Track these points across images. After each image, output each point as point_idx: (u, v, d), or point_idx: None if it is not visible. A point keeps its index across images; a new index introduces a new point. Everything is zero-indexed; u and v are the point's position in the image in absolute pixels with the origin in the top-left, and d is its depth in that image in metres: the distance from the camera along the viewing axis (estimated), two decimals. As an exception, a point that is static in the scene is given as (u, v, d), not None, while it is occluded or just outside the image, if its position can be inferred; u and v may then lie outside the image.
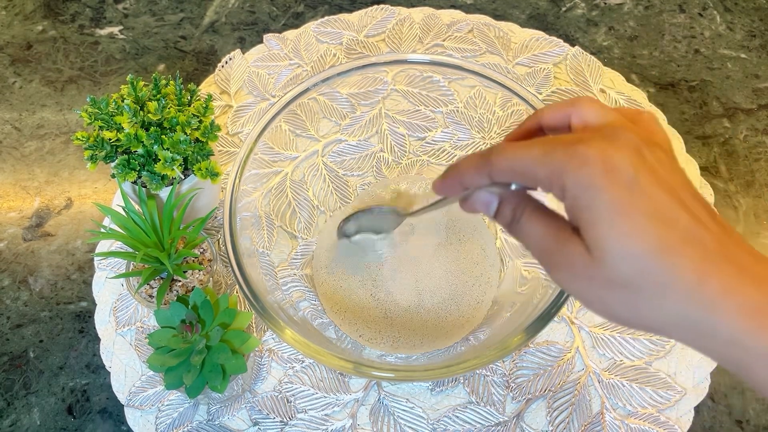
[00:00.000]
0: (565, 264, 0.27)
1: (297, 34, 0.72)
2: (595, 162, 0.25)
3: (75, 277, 0.59)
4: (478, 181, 0.30)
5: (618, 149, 0.25)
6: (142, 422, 0.52)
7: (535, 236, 0.29)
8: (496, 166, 0.29)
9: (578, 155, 0.25)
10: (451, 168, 0.31)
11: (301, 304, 0.54)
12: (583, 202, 0.25)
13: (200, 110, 0.53)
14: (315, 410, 0.52)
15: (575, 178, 0.25)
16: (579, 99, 0.30)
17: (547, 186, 0.27)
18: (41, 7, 0.77)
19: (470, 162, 0.30)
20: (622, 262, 0.25)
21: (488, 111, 0.58)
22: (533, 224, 0.29)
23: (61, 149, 0.67)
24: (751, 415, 0.52)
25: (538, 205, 0.30)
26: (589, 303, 0.27)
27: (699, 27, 0.74)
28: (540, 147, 0.27)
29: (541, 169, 0.27)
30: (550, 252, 0.28)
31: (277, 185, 0.56)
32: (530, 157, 0.27)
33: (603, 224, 0.25)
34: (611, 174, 0.25)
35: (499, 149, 0.29)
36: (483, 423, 0.51)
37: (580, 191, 0.25)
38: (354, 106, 0.63)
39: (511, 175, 0.28)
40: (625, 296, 0.26)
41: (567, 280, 0.27)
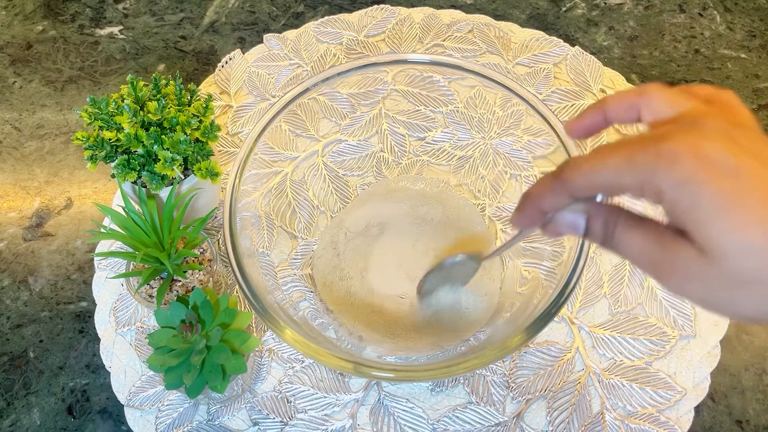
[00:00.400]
0: (677, 271, 0.25)
1: (297, 34, 0.72)
2: (687, 156, 0.23)
3: (75, 277, 0.59)
4: (559, 203, 0.28)
5: (706, 138, 0.23)
6: (142, 422, 0.52)
7: (636, 249, 0.27)
8: (574, 184, 0.26)
9: (666, 153, 0.23)
10: (525, 196, 0.30)
11: (301, 304, 0.54)
12: (685, 203, 0.23)
13: (200, 110, 0.53)
14: (315, 410, 0.52)
15: (669, 177, 0.23)
16: (647, 88, 0.28)
17: (638, 193, 0.25)
18: (41, 7, 0.77)
19: (545, 186, 0.28)
20: (745, 257, 0.23)
21: (488, 111, 0.58)
22: (630, 236, 0.27)
23: (61, 149, 0.67)
24: (751, 415, 0.52)
25: (631, 215, 0.27)
26: (714, 306, 0.25)
27: (699, 27, 0.74)
28: (619, 153, 0.25)
29: (626, 177, 0.24)
30: (656, 262, 0.26)
31: (277, 185, 0.56)
32: (612, 167, 0.25)
33: (714, 221, 0.23)
34: (708, 165, 0.23)
35: (574, 165, 0.26)
36: (483, 423, 0.51)
37: (678, 191, 0.23)
38: (354, 106, 0.63)
39: (595, 190, 0.26)
40: (754, 293, 0.23)
41: (684, 288, 0.25)
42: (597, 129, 0.31)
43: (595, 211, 0.28)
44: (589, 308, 0.55)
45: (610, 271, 0.57)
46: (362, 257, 0.57)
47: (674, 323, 0.54)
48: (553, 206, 0.28)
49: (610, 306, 0.55)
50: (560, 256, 0.47)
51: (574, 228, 0.29)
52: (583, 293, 0.56)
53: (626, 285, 0.56)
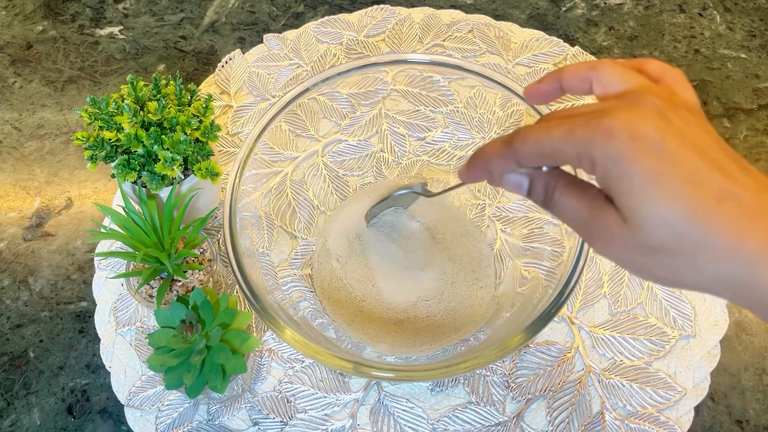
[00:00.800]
0: (602, 234, 0.27)
1: (297, 34, 0.72)
2: (620, 133, 0.25)
3: (75, 277, 0.59)
4: (505, 167, 0.30)
5: (642, 117, 0.25)
6: (142, 422, 0.52)
7: (571, 210, 0.29)
8: (521, 152, 0.29)
9: (603, 128, 0.25)
10: (476, 156, 0.32)
11: (301, 304, 0.54)
12: (614, 174, 0.26)
13: (200, 110, 0.53)
14: (315, 410, 0.52)
15: (603, 151, 0.25)
16: (600, 63, 0.30)
17: (576, 163, 0.27)
18: (41, 7, 0.77)
19: (495, 149, 0.30)
20: (659, 228, 0.25)
21: (488, 111, 0.58)
22: (567, 198, 0.29)
23: (61, 149, 0.67)
24: (751, 415, 0.52)
25: (570, 179, 0.30)
26: (629, 268, 0.28)
27: (699, 27, 0.74)
28: (563, 126, 0.27)
29: (568, 148, 0.27)
30: (586, 223, 0.28)
31: (277, 185, 0.56)
32: (555, 139, 0.27)
33: (636, 194, 0.25)
34: (638, 143, 0.25)
35: (522, 135, 0.29)
36: (483, 423, 0.51)
37: (609, 164, 0.25)
38: (354, 106, 0.63)
39: (539, 159, 0.28)
40: (664, 260, 0.26)
41: (606, 249, 0.28)
42: (553, 97, 0.33)
43: (538, 173, 0.30)
44: (589, 308, 0.55)
45: (610, 271, 0.57)
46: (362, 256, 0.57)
47: (674, 323, 0.54)
48: (500, 170, 0.31)
49: (610, 306, 0.55)
50: (560, 256, 0.47)
51: (517, 187, 0.31)
52: (583, 293, 0.56)
53: (626, 285, 0.56)
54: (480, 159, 0.31)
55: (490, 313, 0.54)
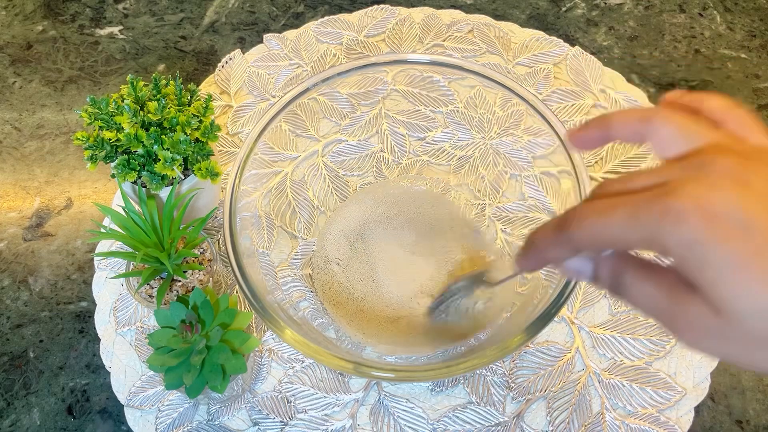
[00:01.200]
0: (692, 326, 0.24)
1: (297, 34, 0.72)
2: (693, 214, 0.22)
3: (75, 277, 0.59)
4: (562, 255, 0.27)
5: (715, 188, 0.22)
6: (142, 422, 0.52)
7: (646, 300, 0.25)
8: (577, 241, 0.25)
9: (671, 211, 0.22)
10: (531, 243, 0.29)
11: (301, 304, 0.54)
12: (693, 263, 0.22)
13: (200, 110, 0.53)
14: (315, 410, 0.52)
15: (675, 238, 0.22)
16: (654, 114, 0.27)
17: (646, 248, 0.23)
18: (41, 7, 0.77)
19: (548, 236, 0.27)
20: (760, 319, 0.22)
21: (488, 111, 0.58)
22: (640, 287, 0.25)
23: (61, 149, 0.67)
24: (751, 415, 0.52)
25: (641, 262, 0.26)
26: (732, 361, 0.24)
27: (699, 27, 0.74)
28: (624, 209, 0.23)
29: (631, 234, 0.23)
30: (669, 315, 0.24)
31: (277, 185, 0.56)
32: (616, 224, 0.24)
33: (725, 282, 0.22)
34: (716, 223, 0.21)
35: (577, 219, 0.25)
36: (483, 423, 0.51)
37: (686, 252, 0.22)
38: (354, 106, 0.63)
39: (599, 246, 0.25)
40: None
41: (699, 343, 0.24)
42: (599, 144, 0.30)
43: (602, 258, 0.27)
44: (589, 308, 0.55)
45: (610, 271, 0.56)
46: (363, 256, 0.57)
47: (674, 323, 0.54)
48: (557, 257, 0.27)
49: (610, 306, 0.55)
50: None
51: (580, 274, 0.28)
52: (583, 293, 0.56)
53: (626, 285, 0.56)
54: (534, 248, 0.28)
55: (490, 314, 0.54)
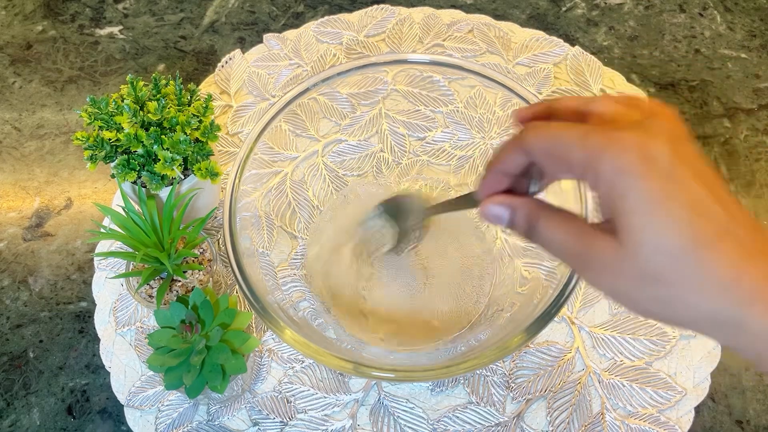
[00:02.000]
0: (594, 262, 0.27)
1: (297, 34, 0.72)
2: (633, 148, 0.25)
3: (75, 277, 0.59)
4: (516, 161, 0.29)
5: (655, 139, 0.25)
6: (141, 422, 0.52)
7: (557, 240, 0.28)
8: (531, 143, 0.28)
9: (617, 140, 0.25)
10: (488, 164, 0.31)
11: (301, 304, 0.54)
12: (619, 190, 0.25)
13: (200, 110, 0.53)
14: (315, 410, 0.52)
15: (613, 163, 0.25)
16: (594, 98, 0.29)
17: (580, 170, 0.26)
18: (41, 7, 0.77)
19: (505, 146, 0.30)
20: (657, 254, 0.24)
21: (488, 111, 0.58)
22: (552, 229, 0.29)
23: (61, 149, 0.67)
24: (751, 415, 0.52)
25: (553, 209, 0.29)
26: (619, 298, 0.27)
27: (699, 27, 0.74)
28: (578, 128, 0.27)
29: (577, 150, 0.26)
30: (576, 253, 0.28)
31: (277, 185, 0.56)
32: (567, 138, 0.27)
33: (639, 213, 0.25)
34: (649, 162, 0.25)
35: (535, 127, 0.28)
36: (483, 423, 0.51)
37: (617, 178, 0.25)
38: (354, 106, 0.63)
39: (546, 154, 0.28)
40: (657, 291, 0.25)
41: (598, 278, 0.27)
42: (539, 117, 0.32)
43: (518, 203, 0.30)
44: (589, 308, 0.55)
45: (611, 271, 0.56)
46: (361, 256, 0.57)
47: (674, 323, 0.54)
48: (511, 164, 0.30)
49: (610, 306, 0.55)
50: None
51: (498, 218, 0.31)
52: (583, 293, 0.56)
53: (626, 285, 0.56)
54: (491, 163, 0.31)
55: (490, 313, 0.54)
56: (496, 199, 0.31)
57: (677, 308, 0.25)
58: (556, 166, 0.28)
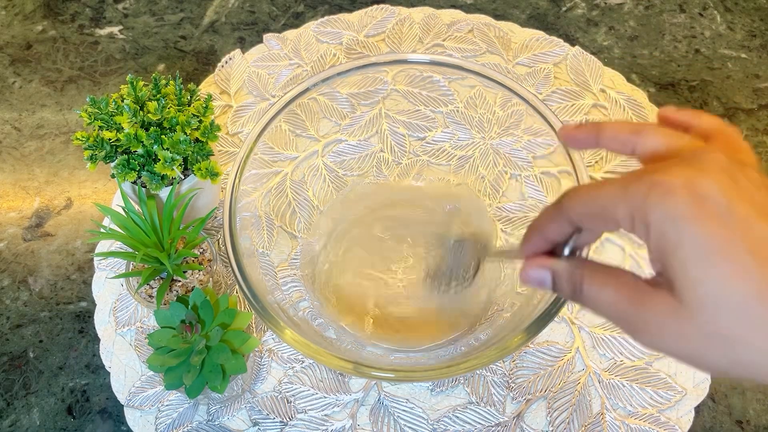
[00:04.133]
0: (650, 324, 0.24)
1: (297, 34, 0.72)
2: (680, 190, 0.22)
3: (75, 277, 0.59)
4: (559, 230, 0.28)
5: (705, 173, 0.22)
6: (141, 422, 0.52)
7: (605, 303, 0.26)
8: (570, 210, 0.26)
9: (661, 184, 0.22)
10: (531, 226, 0.29)
11: (301, 304, 0.54)
12: (670, 239, 0.22)
13: (200, 110, 0.53)
14: (315, 410, 0.52)
15: (659, 210, 0.22)
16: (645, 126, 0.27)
17: (629, 225, 0.24)
18: (41, 7, 0.77)
19: (546, 213, 0.28)
20: (724, 311, 0.22)
21: (488, 111, 0.58)
22: (598, 290, 0.26)
23: (61, 149, 0.67)
24: (751, 416, 0.52)
25: (598, 267, 0.27)
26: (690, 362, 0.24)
27: (699, 27, 0.74)
28: (616, 182, 0.24)
29: (620, 205, 0.24)
30: (627, 316, 0.25)
31: (277, 185, 0.56)
32: (606, 195, 0.24)
33: (697, 264, 0.22)
34: (701, 203, 0.22)
35: (572, 193, 0.26)
36: (483, 423, 0.51)
37: (666, 226, 0.22)
38: (354, 106, 0.62)
39: (590, 217, 0.26)
40: (728, 350, 0.22)
41: (657, 341, 0.24)
42: (587, 146, 0.30)
43: (561, 267, 0.28)
44: (590, 308, 0.55)
45: (611, 271, 0.56)
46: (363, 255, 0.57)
47: (674, 323, 0.54)
48: (554, 232, 0.28)
49: (610, 306, 0.55)
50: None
51: (539, 282, 0.29)
52: (583, 293, 0.56)
53: (626, 285, 0.56)
54: (534, 228, 0.29)
55: (490, 313, 0.54)
56: (537, 262, 0.29)
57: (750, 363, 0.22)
58: (605, 226, 0.26)
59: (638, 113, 0.66)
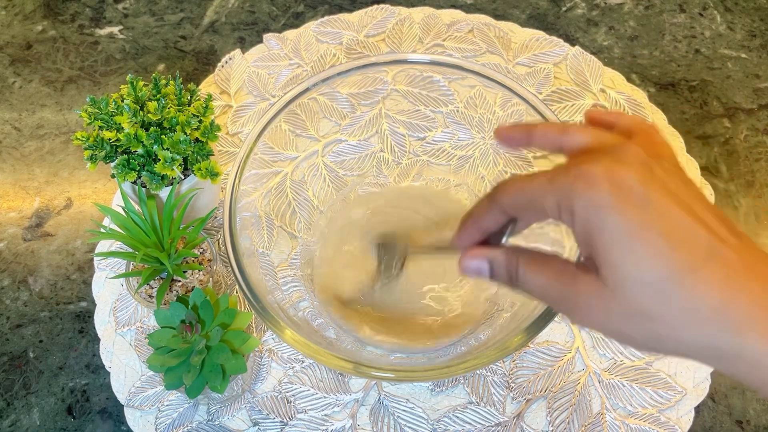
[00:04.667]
0: (578, 304, 0.26)
1: (297, 34, 0.72)
2: (601, 180, 0.24)
3: (75, 277, 0.59)
4: (493, 219, 0.29)
5: (625, 165, 0.24)
6: (141, 422, 0.52)
7: (540, 287, 0.28)
8: (502, 201, 0.28)
9: (584, 175, 0.24)
10: (465, 217, 0.31)
11: (301, 304, 0.54)
12: (593, 225, 0.24)
13: (200, 110, 0.53)
14: (315, 410, 0.52)
15: (583, 199, 0.24)
16: (571, 126, 0.29)
17: (556, 213, 0.26)
18: (41, 7, 0.77)
19: (480, 205, 0.29)
20: (641, 289, 0.23)
21: (488, 111, 0.58)
22: (533, 275, 0.28)
23: (61, 149, 0.67)
24: (751, 416, 0.52)
25: (532, 254, 0.29)
26: (615, 337, 0.26)
27: (699, 27, 0.74)
28: (544, 174, 0.26)
29: (547, 196, 0.25)
30: (559, 298, 0.27)
31: (277, 185, 0.56)
32: (535, 187, 0.26)
33: (616, 248, 0.23)
34: (620, 192, 0.23)
35: (503, 185, 0.28)
36: (483, 423, 0.51)
37: (589, 213, 0.24)
38: (354, 106, 0.62)
39: (520, 209, 0.27)
40: (646, 326, 0.24)
41: (585, 319, 0.26)
42: (518, 145, 0.32)
43: (496, 255, 0.29)
44: (590, 308, 0.55)
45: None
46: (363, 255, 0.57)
47: (674, 323, 0.54)
48: (488, 222, 0.30)
49: (610, 306, 0.55)
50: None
51: (478, 272, 0.30)
52: (583, 293, 0.56)
53: (626, 285, 0.56)
54: (469, 219, 0.30)
55: (490, 313, 0.54)
56: (474, 252, 0.30)
57: (668, 341, 0.24)
58: (535, 216, 0.27)
59: (638, 113, 0.66)
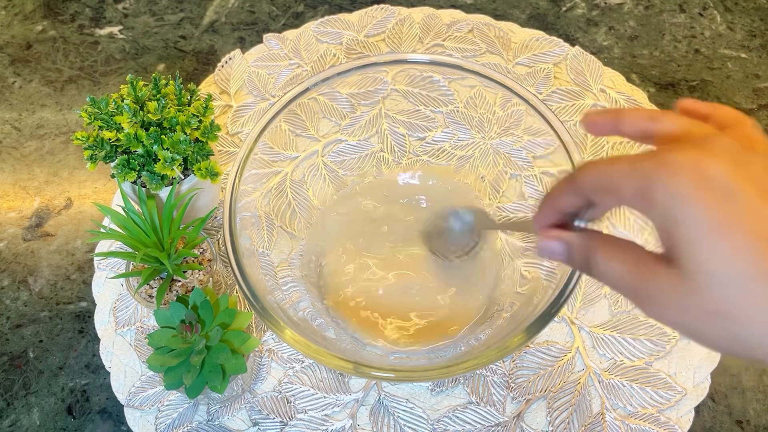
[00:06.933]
0: (654, 297, 0.24)
1: (297, 34, 0.72)
2: (687, 170, 0.23)
3: (75, 277, 0.59)
4: (570, 202, 0.28)
5: (713, 156, 0.23)
6: (141, 422, 0.52)
7: (615, 276, 0.26)
8: (583, 183, 0.27)
9: (668, 163, 0.23)
10: (545, 197, 0.30)
11: (301, 304, 0.54)
12: (674, 217, 0.23)
13: (200, 110, 0.53)
14: (315, 410, 0.52)
15: (665, 188, 0.23)
16: (662, 114, 0.28)
17: (635, 201, 0.24)
18: (41, 7, 0.77)
19: (559, 186, 0.29)
20: (722, 287, 0.22)
21: (488, 111, 0.58)
22: (609, 263, 0.27)
23: (61, 149, 0.67)
24: (751, 416, 0.52)
25: (611, 240, 0.27)
26: (691, 336, 0.25)
27: (699, 27, 0.74)
28: (627, 159, 0.25)
29: (628, 181, 0.24)
30: (634, 289, 0.25)
31: (277, 185, 0.56)
32: (617, 170, 0.25)
33: (698, 242, 0.22)
34: (706, 184, 0.22)
35: (584, 166, 0.27)
36: (483, 423, 0.51)
37: (671, 203, 0.23)
38: (354, 106, 0.63)
39: (598, 191, 0.26)
40: (724, 325, 0.23)
41: (660, 314, 0.25)
42: (608, 132, 0.31)
43: (574, 238, 0.29)
44: (589, 308, 0.55)
45: (611, 271, 0.56)
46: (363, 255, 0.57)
47: (674, 323, 0.54)
48: (566, 204, 0.29)
49: (610, 306, 0.55)
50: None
51: (555, 253, 0.29)
52: (583, 293, 0.56)
53: (626, 285, 0.56)
54: (548, 199, 0.30)
55: (490, 313, 0.54)
56: (552, 234, 0.29)
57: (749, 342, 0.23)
58: (612, 201, 0.26)
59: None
